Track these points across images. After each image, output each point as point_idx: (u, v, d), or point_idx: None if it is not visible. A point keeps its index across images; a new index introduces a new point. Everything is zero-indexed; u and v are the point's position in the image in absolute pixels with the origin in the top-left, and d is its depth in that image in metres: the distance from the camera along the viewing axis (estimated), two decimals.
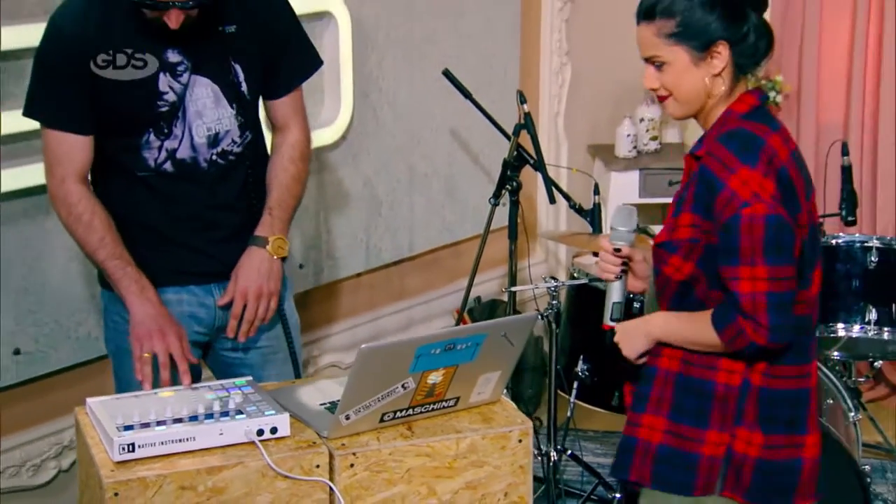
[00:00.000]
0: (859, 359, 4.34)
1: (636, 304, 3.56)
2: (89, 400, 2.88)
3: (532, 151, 4.09)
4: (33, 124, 3.34)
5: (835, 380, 4.07)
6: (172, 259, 3.34)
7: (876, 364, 4.59)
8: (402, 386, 2.75)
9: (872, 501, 3.79)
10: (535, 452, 4.40)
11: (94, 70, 3.18)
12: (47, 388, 3.77)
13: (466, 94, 4.15)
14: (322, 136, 4.42)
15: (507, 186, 4.03)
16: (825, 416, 3.86)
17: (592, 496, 4.34)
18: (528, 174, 4.15)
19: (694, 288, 2.65)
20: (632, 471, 2.75)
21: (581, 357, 4.29)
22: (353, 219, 4.66)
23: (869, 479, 3.77)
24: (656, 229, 4.75)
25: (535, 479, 4.32)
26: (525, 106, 4.08)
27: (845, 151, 4.09)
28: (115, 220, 3.29)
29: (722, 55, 2.59)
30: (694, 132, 5.39)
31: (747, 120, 2.62)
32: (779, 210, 2.50)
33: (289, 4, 3.48)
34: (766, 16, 5.42)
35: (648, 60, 2.65)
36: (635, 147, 5.45)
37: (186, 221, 3.33)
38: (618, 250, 2.78)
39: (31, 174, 3.58)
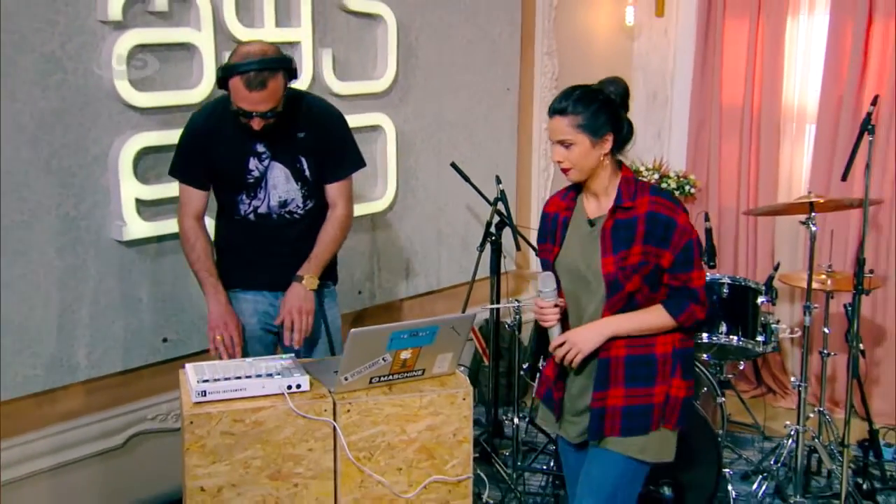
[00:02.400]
0: (724, 359, 4.23)
1: None
2: (186, 364, 2.94)
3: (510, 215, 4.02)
4: (170, 193, 3.47)
5: (708, 374, 4.01)
6: (251, 272, 3.37)
7: (740, 365, 4.50)
8: (383, 359, 2.79)
9: (722, 457, 3.69)
10: (506, 420, 4.38)
11: (211, 151, 3.25)
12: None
13: (466, 178, 4.13)
14: (376, 206, 4.41)
15: (489, 239, 4.01)
16: (699, 400, 3.82)
17: (547, 449, 4.28)
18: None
19: (636, 296, 2.64)
20: (605, 430, 2.71)
21: (542, 356, 4.05)
22: (397, 262, 4.63)
23: (720, 440, 3.70)
24: None
25: (507, 438, 4.30)
26: (500, 186, 4.06)
27: (707, 219, 4.04)
28: (220, 244, 3.39)
29: (608, 141, 2.61)
30: None
31: (643, 180, 2.75)
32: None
33: (344, 122, 3.43)
34: (684, 135, 5.52)
35: (560, 143, 2.63)
36: None
37: (261, 249, 3.34)
38: (556, 305, 2.75)
39: (170, 226, 3.60)
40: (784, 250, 5.05)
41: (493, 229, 4.04)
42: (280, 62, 3.07)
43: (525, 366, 2.85)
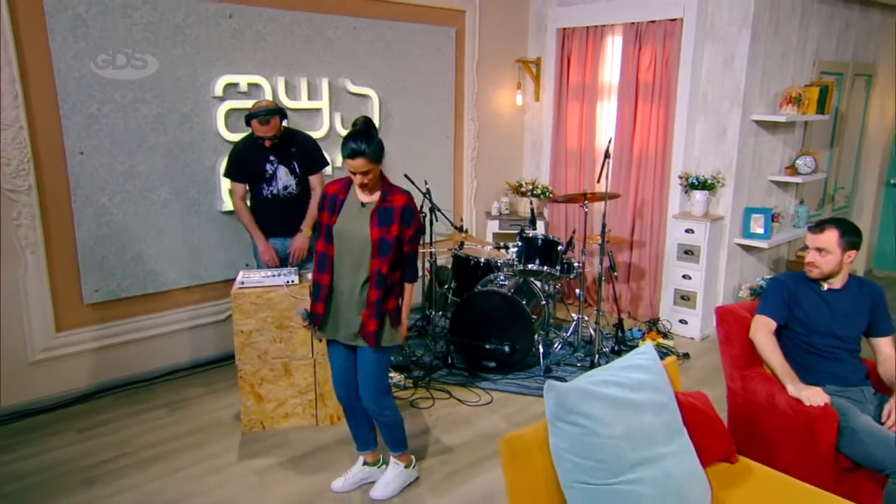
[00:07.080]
0: (543, 280, 4.03)
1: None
2: (240, 271, 3.00)
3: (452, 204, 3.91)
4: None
5: (538, 288, 3.93)
6: (270, 227, 3.28)
7: (558, 286, 4.46)
8: None
9: (534, 331, 3.62)
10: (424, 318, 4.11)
11: (246, 163, 3.17)
12: None
13: (412, 182, 3.97)
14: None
15: (423, 211, 3.96)
16: (533, 302, 3.73)
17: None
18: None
19: (397, 254, 2.34)
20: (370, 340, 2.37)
21: (454, 279, 4.07)
22: None
23: (534, 322, 3.61)
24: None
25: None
26: (427, 185, 4.00)
27: (532, 204, 4.10)
28: (253, 213, 3.28)
29: (381, 162, 2.30)
30: (523, 206, 5.47)
31: (393, 184, 2.39)
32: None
33: (316, 143, 3.28)
34: (548, 165, 5.47)
35: (362, 174, 2.26)
36: (499, 211, 5.24)
37: (275, 214, 3.27)
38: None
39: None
40: (590, 223, 5.06)
41: (425, 208, 4.08)
42: (276, 111, 3.05)
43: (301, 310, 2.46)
